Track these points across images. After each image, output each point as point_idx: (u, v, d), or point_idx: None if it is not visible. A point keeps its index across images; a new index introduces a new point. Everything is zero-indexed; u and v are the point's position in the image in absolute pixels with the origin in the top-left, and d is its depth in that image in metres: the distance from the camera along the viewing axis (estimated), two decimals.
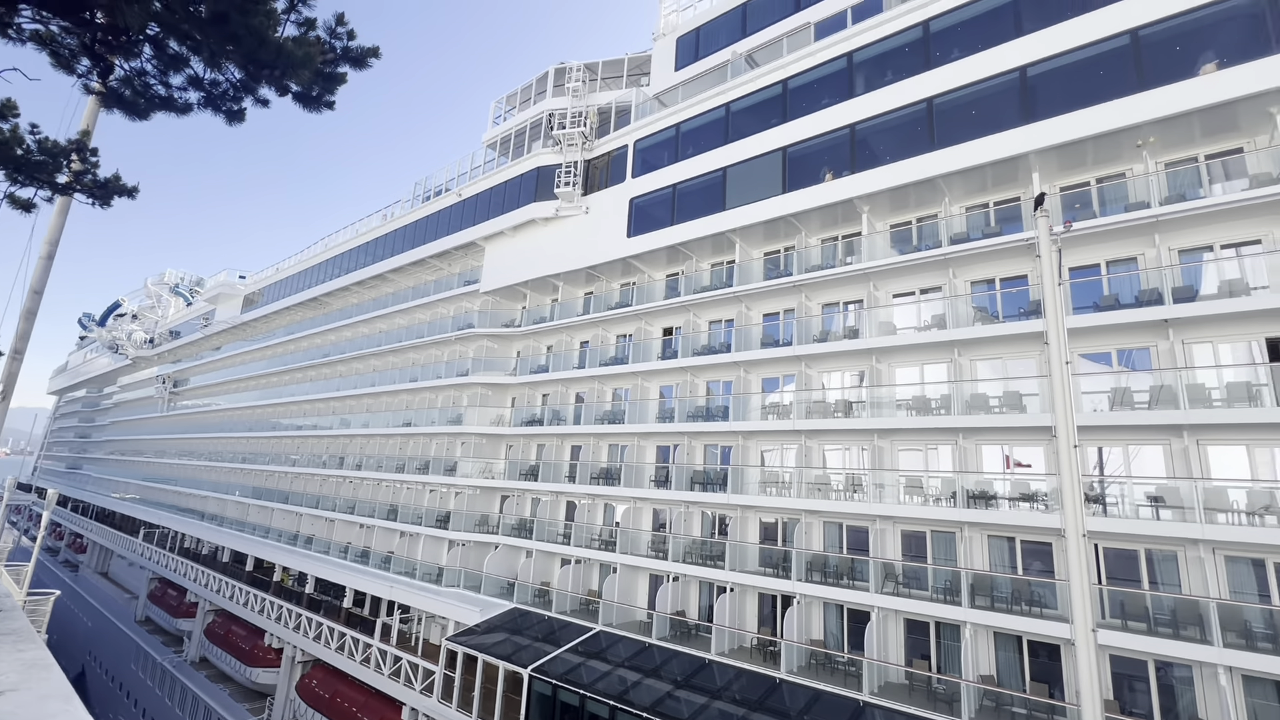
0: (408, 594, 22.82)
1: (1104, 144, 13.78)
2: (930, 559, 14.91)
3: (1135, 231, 13.42)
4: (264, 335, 44.58)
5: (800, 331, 17.76)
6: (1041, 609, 12.93)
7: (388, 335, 32.29)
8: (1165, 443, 12.71)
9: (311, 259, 39.45)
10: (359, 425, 32.11)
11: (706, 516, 19.29)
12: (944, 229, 15.98)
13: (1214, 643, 10.69)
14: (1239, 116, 12.56)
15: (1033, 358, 14.51)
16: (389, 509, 27.68)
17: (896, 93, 16.38)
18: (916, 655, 14.66)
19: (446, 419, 26.76)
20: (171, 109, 4.44)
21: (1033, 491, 13.67)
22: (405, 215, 31.88)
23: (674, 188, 20.99)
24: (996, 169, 15.01)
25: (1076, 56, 13.86)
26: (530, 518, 22.91)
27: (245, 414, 44.16)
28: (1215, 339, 12.70)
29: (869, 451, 16.27)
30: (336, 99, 4.53)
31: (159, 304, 59.96)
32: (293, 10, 4.06)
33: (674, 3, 24.54)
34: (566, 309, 24.65)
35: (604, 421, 21.95)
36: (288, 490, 35.31)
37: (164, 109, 4.45)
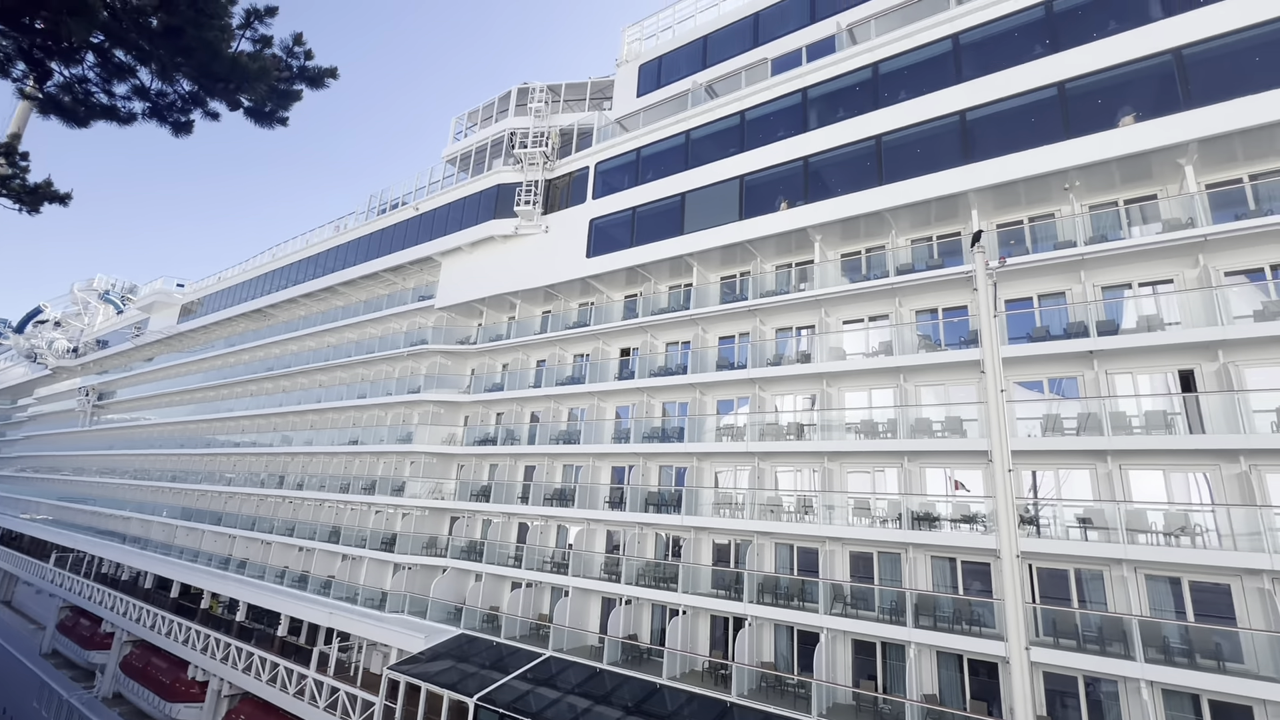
0: (348, 620, 21.81)
1: (1035, 186, 14.75)
2: (877, 580, 15.27)
3: (1063, 268, 14.35)
4: (202, 347, 42.47)
5: (755, 355, 18.12)
6: (981, 628, 13.38)
7: (336, 350, 31.25)
8: (1092, 467, 13.47)
9: (257, 269, 37.99)
10: (302, 443, 30.79)
11: (660, 538, 19.25)
12: (891, 260, 16.69)
13: (1136, 658, 11.28)
14: (1153, 166, 13.68)
15: (972, 384, 15.22)
16: (331, 531, 26.52)
17: (848, 129, 17.14)
18: (864, 676, 14.90)
19: (396, 437, 25.98)
20: (113, 118, 4.24)
21: (973, 513, 14.23)
22: (359, 227, 31.15)
23: (634, 210, 21.26)
24: (939, 205, 15.84)
25: (1011, 104, 14.86)
26: (481, 540, 22.35)
27: (177, 429, 41.76)
28: (1135, 370, 13.63)
29: (819, 473, 16.64)
30: (290, 115, 4.45)
31: (86, 311, 56.41)
32: (249, 27, 3.98)
33: (638, 31, 25.11)
34: (523, 327, 24.46)
35: (559, 441, 21.74)
36: (221, 511, 33.42)
37: (105, 118, 4.24)
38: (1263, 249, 12.70)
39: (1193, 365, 13.01)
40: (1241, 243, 12.62)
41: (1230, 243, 12.66)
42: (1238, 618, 11.51)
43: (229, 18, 3.70)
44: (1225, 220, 12.75)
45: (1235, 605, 11.62)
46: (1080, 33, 14.22)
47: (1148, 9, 13.60)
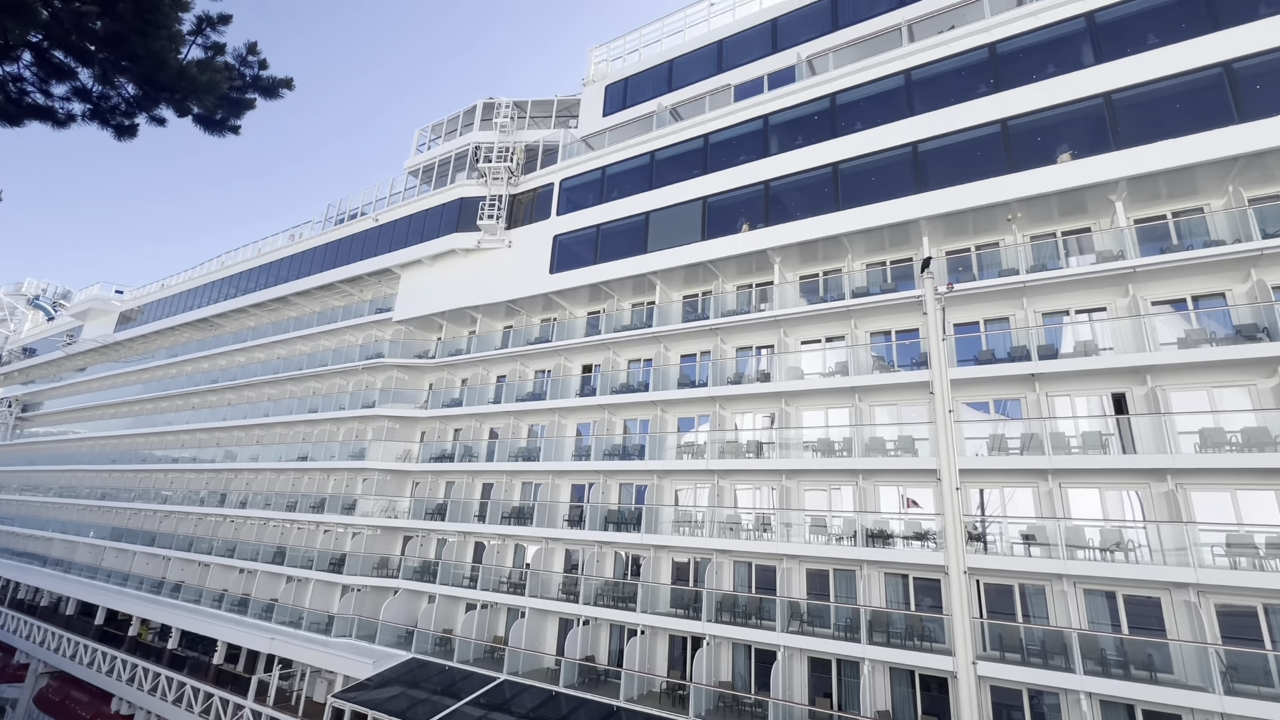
0: (291, 646, 20.80)
1: (981, 216, 15.49)
2: (833, 597, 15.47)
3: (1007, 295, 15.06)
4: (141, 357, 40.37)
5: (715, 373, 18.32)
6: (932, 643, 13.68)
7: (287, 362, 30.17)
8: (1034, 485, 14.04)
9: (205, 276, 36.49)
10: (247, 459, 29.46)
11: (620, 557, 19.09)
12: (847, 283, 17.20)
13: (1076, 670, 11.71)
14: (1087, 201, 14.56)
15: (924, 404, 15.71)
16: (276, 551, 25.35)
17: (807, 155, 17.69)
18: (819, 694, 15.01)
19: (348, 453, 25.14)
20: (49, 119, 4.02)
21: (925, 530, 14.62)
22: (315, 237, 30.32)
23: (598, 228, 21.36)
24: (892, 231, 16.44)
25: (959, 138, 15.62)
26: (435, 560, 21.72)
27: (110, 444, 39.42)
28: (1073, 393, 14.34)
29: (778, 491, 16.84)
30: (242, 124, 4.32)
31: (12, 317, 53.03)
32: (200, 34, 3.85)
33: (605, 52, 25.45)
34: (484, 342, 24.13)
35: (518, 458, 21.42)
36: (155, 531, 31.59)
37: (40, 118, 4.01)
38: (1185, 280, 13.62)
39: (1125, 389, 13.78)
40: (1166, 274, 13.51)
41: (1156, 274, 13.53)
42: (1167, 629, 12.10)
43: (178, 25, 3.58)
44: (1152, 253, 13.64)
45: (1165, 617, 12.21)
46: (1021, 74, 15.11)
47: (1081, 55, 14.57)
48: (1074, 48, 14.73)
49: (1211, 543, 11.92)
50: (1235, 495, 12.26)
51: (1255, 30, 12.73)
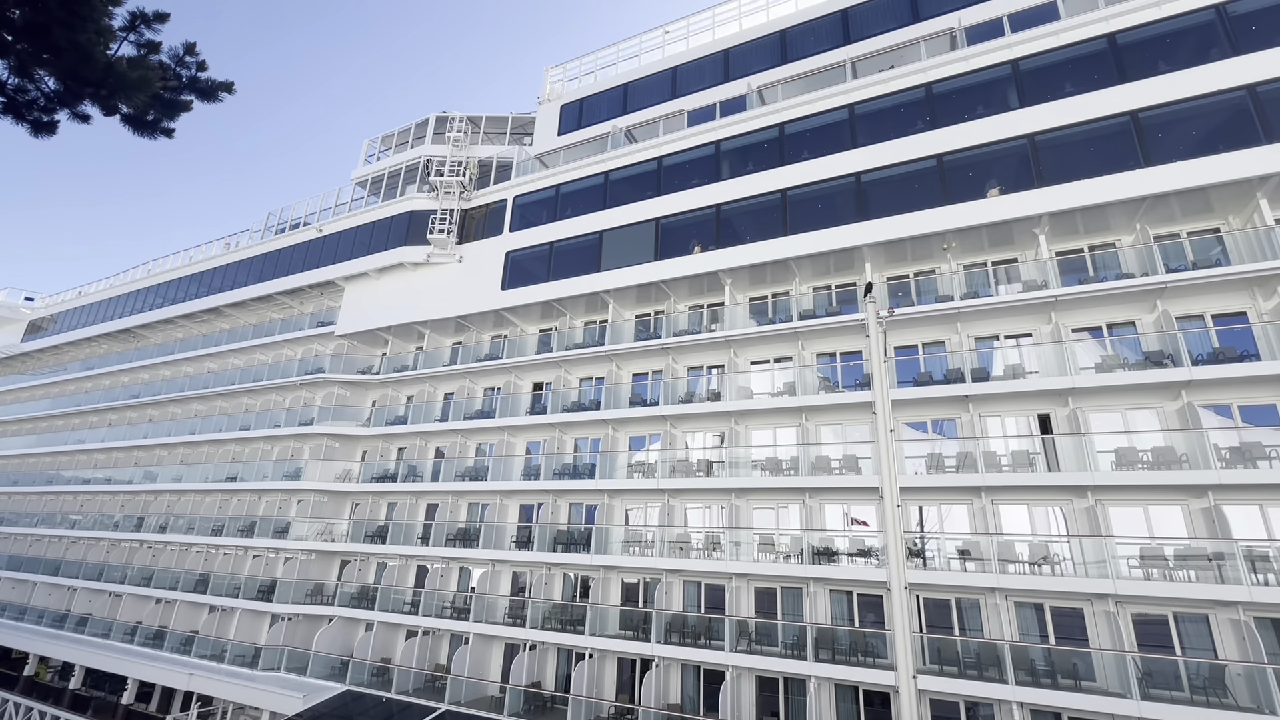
0: (212, 682, 19.38)
1: (919, 244, 16.29)
2: (780, 615, 15.61)
3: (943, 320, 15.83)
4: (52, 369, 37.40)
5: (667, 392, 18.43)
6: (875, 659, 13.97)
7: (218, 377, 28.56)
8: (969, 502, 14.66)
9: (129, 284, 34.29)
10: (169, 479, 27.57)
11: (569, 579, 18.75)
12: (795, 305, 17.70)
13: (1009, 681, 12.17)
14: (1014, 233, 15.54)
15: (867, 424, 16.23)
16: (198, 579, 23.70)
17: (756, 181, 18.24)
18: (767, 713, 15.04)
19: (282, 473, 23.87)
20: None
21: (868, 547, 15.00)
22: (253, 246, 29.03)
23: (551, 245, 21.31)
24: (837, 256, 17.07)
25: (899, 170, 16.45)
26: (374, 585, 20.77)
27: (11, 464, 36.15)
28: (1003, 414, 15.12)
29: (727, 510, 16.98)
30: (176, 126, 4.09)
31: None
32: (133, 30, 3.64)
33: (560, 72, 25.65)
34: (432, 358, 23.53)
35: (465, 478, 20.85)
36: (60, 559, 29.02)
37: None
38: (1101, 309, 14.67)
39: (1049, 410, 14.64)
40: (1084, 303, 14.51)
41: (1075, 303, 14.52)
42: (1090, 639, 12.76)
43: (108, 18, 3.38)
44: (1071, 284, 14.65)
45: (1088, 627, 12.89)
46: (955, 113, 16.10)
47: (1008, 98, 15.66)
48: (1001, 91, 15.83)
49: (1127, 555, 12.70)
50: (1147, 510, 13.14)
51: (1159, 83, 14.01)
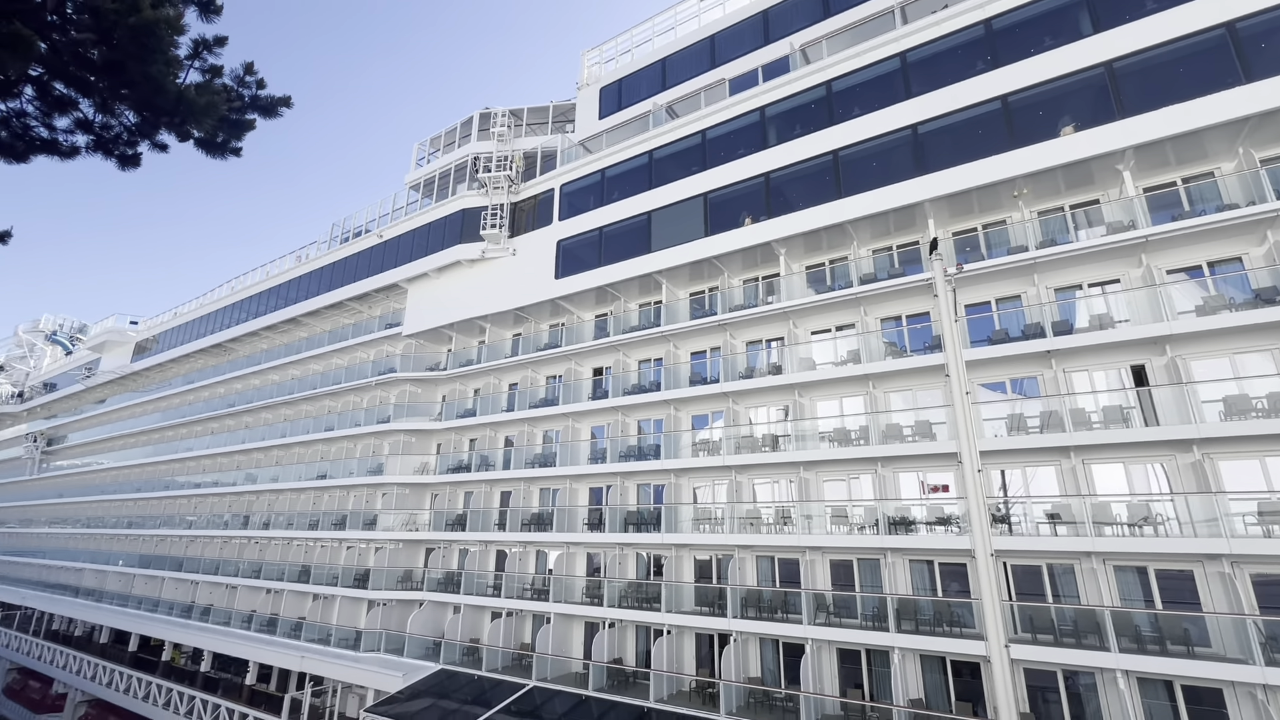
0: (321, 664, 20.98)
1: (986, 194, 15.31)
2: (858, 587, 15.34)
3: (1017, 272, 14.87)
4: (158, 385, 40.92)
5: (727, 369, 18.25)
6: (961, 629, 13.53)
7: (301, 382, 30.45)
8: (1056, 463, 13.85)
9: (216, 302, 36.93)
10: (267, 480, 29.76)
11: (641, 558, 19.06)
12: (854, 270, 17.08)
13: (1111, 649, 11.52)
14: (1094, 172, 14.35)
15: (939, 388, 15.56)
16: (301, 570, 25.59)
17: (806, 145, 17.59)
18: (850, 685, 14.90)
19: (366, 469, 25.31)
20: (55, 153, 4.08)
21: (947, 515, 14.47)
22: (322, 256, 30.60)
23: (600, 230, 21.37)
24: (897, 215, 16.31)
25: (959, 117, 15.46)
26: (458, 570, 21.82)
27: (134, 473, 40.00)
28: (1090, 367, 14.12)
29: (796, 483, 16.75)
30: (244, 145, 4.35)
31: (32, 353, 53.94)
32: (197, 58, 3.88)
33: (597, 55, 25.47)
34: (494, 351, 24.22)
35: (534, 465, 21.47)
36: (182, 556, 32.00)
37: (46, 152, 4.07)
38: (1200, 247, 13.38)
39: (1144, 360, 13.56)
40: (1179, 242, 13.28)
41: (1169, 242, 13.31)
42: (1202, 602, 11.87)
43: (175, 49, 3.61)
44: (1163, 221, 13.41)
45: (1199, 590, 11.99)
46: (1019, 49, 14.92)
47: (1079, 26, 14.37)
48: (1071, 18, 14.53)
49: (1243, 512, 11.69)
50: (1265, 462, 12.01)
51: None
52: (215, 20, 3.91)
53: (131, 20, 3.05)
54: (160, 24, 3.18)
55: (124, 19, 3.02)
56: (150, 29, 3.16)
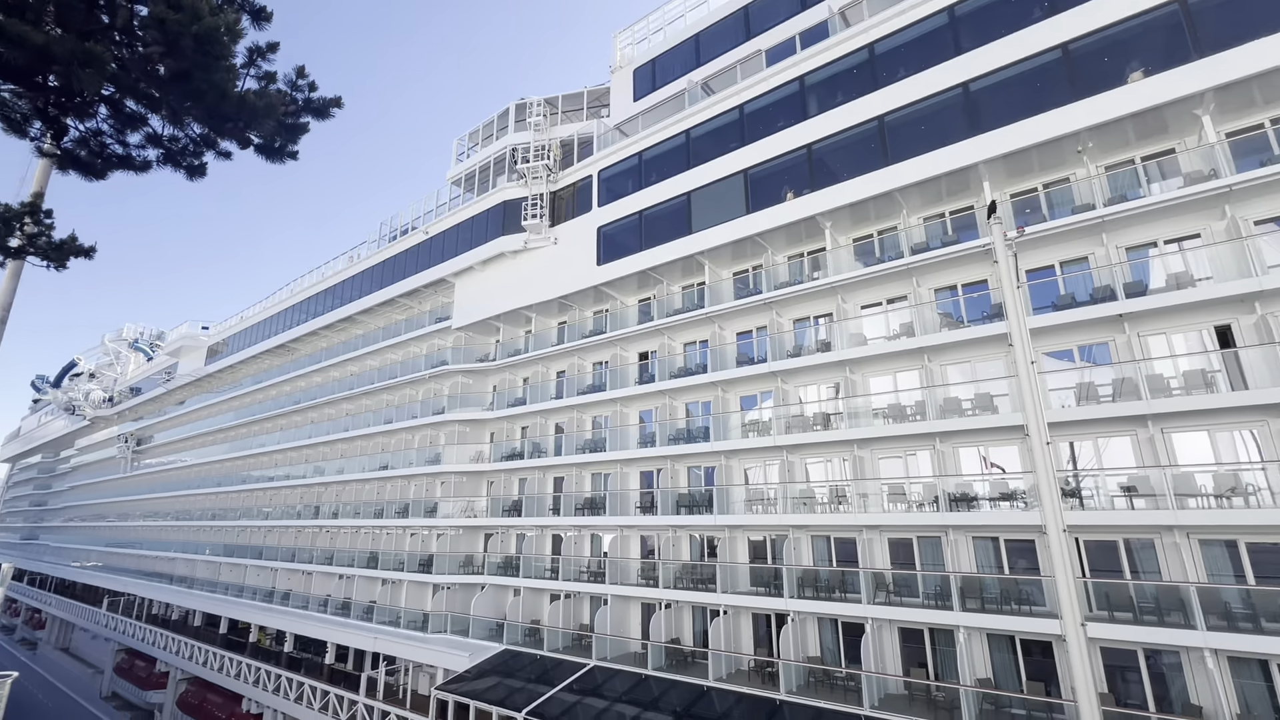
0: (392, 644, 22.04)
1: (1047, 151, 14.43)
2: (919, 565, 14.99)
3: (1084, 232, 14.01)
4: (230, 386, 43.41)
5: (774, 348, 17.98)
6: (1031, 607, 13.06)
7: (359, 378, 31.73)
8: (1132, 433, 13.09)
9: (277, 305, 38.76)
10: (334, 472, 31.27)
11: (695, 539, 19.15)
12: (904, 240, 16.46)
13: (1197, 626, 10.90)
14: (1168, 120, 13.30)
15: (999, 359, 14.90)
16: (369, 556, 26.86)
17: (848, 112, 16.97)
18: (914, 664, 14.64)
19: (424, 459, 26.25)
20: (129, 167, 4.36)
21: (1011, 490, 13.92)
22: (372, 256, 31.63)
23: (640, 214, 21.28)
24: (949, 180, 15.58)
25: (1013, 71, 14.57)
26: (516, 554, 22.46)
27: (213, 469, 42.71)
28: (1168, 330, 13.22)
29: (850, 462, 16.42)
30: (299, 149, 4.53)
31: (118, 361, 58.01)
32: (252, 65, 4.05)
33: (629, 36, 25.18)
34: (541, 340, 24.58)
35: (585, 451, 21.77)
36: (261, 545, 34.06)
37: (122, 168, 4.37)
38: None
39: (1229, 320, 12.59)
40: (1269, 189, 12.20)
41: (1257, 190, 12.25)
42: None
43: (233, 57, 3.78)
44: (1250, 168, 12.31)
45: None
46: None
47: None
48: None
49: None
50: None
51: None
52: (266, 27, 4.08)
53: (195, 29, 3.22)
54: (221, 30, 3.35)
55: (187, 28, 3.19)
56: (212, 35, 3.33)
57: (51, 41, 3.04)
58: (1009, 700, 13.14)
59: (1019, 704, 13.02)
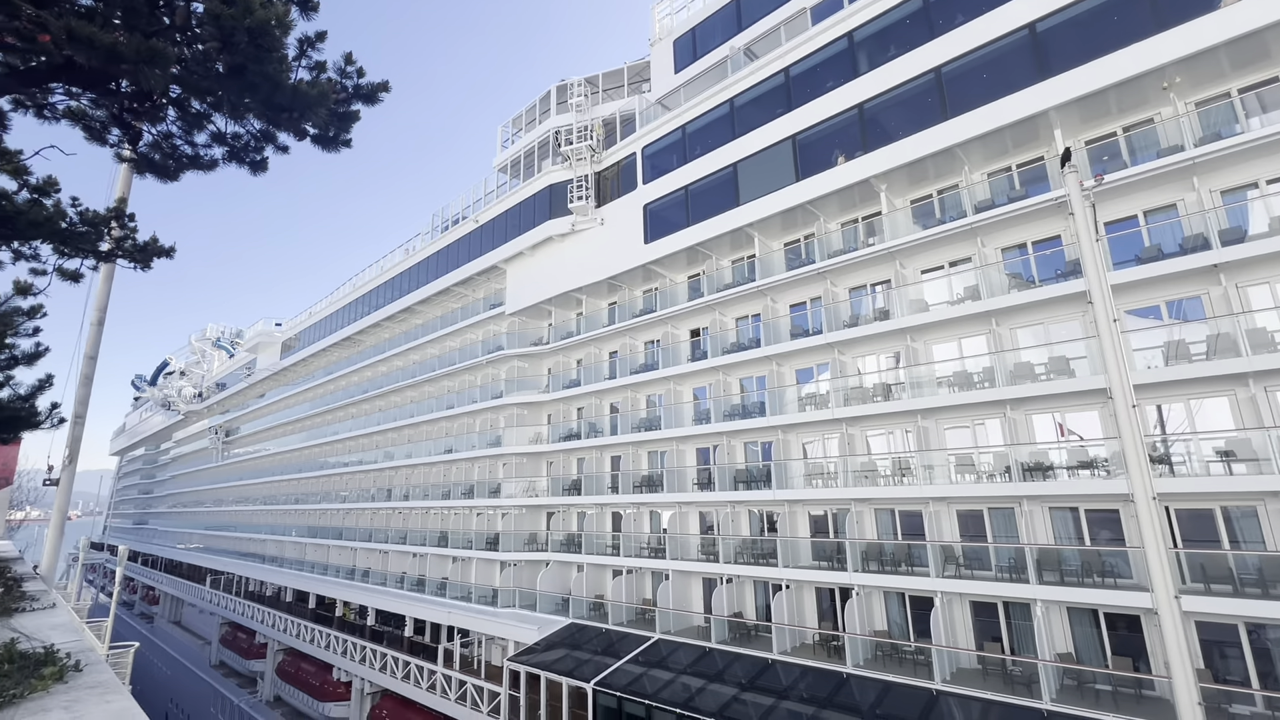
0: (465, 618, 23.10)
1: (1127, 91, 13.27)
2: (990, 537, 14.43)
3: (1171, 177, 12.86)
4: (304, 378, 45.97)
5: (829, 318, 17.49)
6: (1116, 579, 12.38)
7: (421, 366, 32.95)
8: (1230, 393, 12.07)
9: (341, 299, 40.59)
10: (402, 456, 32.76)
11: (754, 514, 19.07)
12: (967, 198, 15.58)
13: None
14: (1270, 44, 11.95)
15: (1076, 319, 13.99)
16: (439, 536, 28.11)
17: (902, 66, 16.09)
18: (987, 638, 14.18)
19: (486, 442, 27.11)
20: (198, 167, 4.64)
21: (1091, 458, 13.14)
22: (426, 247, 32.57)
23: (686, 189, 20.97)
24: (1015, 130, 14.59)
25: (1086, 6, 13.40)
26: (578, 532, 22.99)
27: (294, 456, 45.53)
28: (1272, 279, 12.04)
29: (913, 433, 15.89)
30: (352, 137, 4.68)
31: (204, 359, 62.40)
32: (303, 55, 4.20)
33: (668, 6, 24.63)
34: (592, 321, 24.78)
35: (640, 429, 21.93)
36: (340, 526, 36.20)
37: (192, 168, 4.65)
38: None
39: None
40: None
41: None
42: None
43: (284, 49, 3.93)
44: None
45: None
46: None
47: None
48: None
49: None
50: None
51: None
52: (313, 16, 4.23)
53: (247, 22, 3.37)
54: (271, 21, 3.49)
55: (241, 22, 3.35)
56: (264, 28, 3.48)
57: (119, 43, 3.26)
58: (1092, 676, 12.56)
59: (1104, 679, 12.43)
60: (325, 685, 29.32)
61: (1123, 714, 11.27)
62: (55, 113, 4.27)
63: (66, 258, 5.81)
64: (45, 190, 5.35)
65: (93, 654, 4.17)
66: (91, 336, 16.37)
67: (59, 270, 5.89)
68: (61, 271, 5.95)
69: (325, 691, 29.10)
